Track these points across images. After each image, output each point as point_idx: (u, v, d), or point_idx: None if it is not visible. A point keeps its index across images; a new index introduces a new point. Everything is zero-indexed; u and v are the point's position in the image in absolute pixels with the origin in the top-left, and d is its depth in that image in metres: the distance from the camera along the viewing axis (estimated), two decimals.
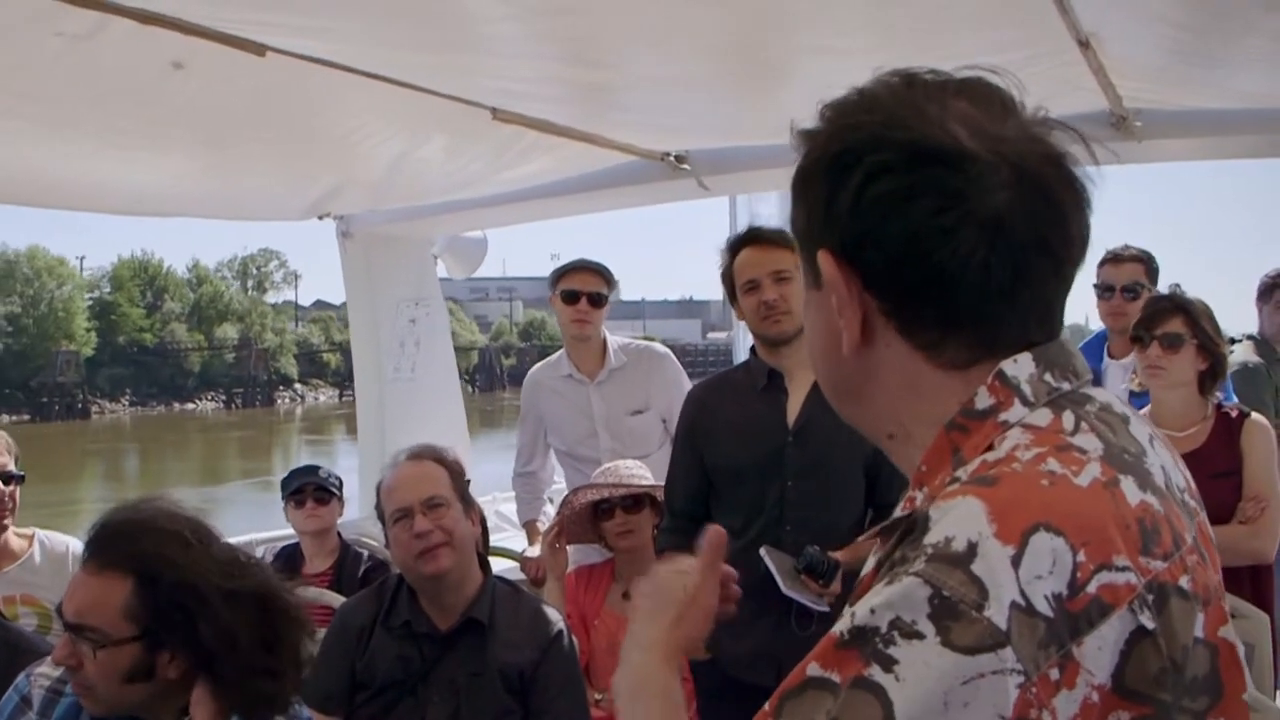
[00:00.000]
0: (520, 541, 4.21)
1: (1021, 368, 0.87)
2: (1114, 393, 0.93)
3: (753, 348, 3.03)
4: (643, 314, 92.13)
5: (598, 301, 3.89)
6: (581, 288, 3.88)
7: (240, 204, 4.63)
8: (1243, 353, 4.24)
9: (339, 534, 3.97)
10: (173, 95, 2.94)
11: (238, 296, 74.08)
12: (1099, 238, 0.91)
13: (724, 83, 3.32)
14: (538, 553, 3.69)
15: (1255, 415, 3.20)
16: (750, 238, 2.99)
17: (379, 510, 2.65)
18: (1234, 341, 4.20)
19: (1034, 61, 2.69)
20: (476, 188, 4.38)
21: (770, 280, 2.88)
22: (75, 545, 3.02)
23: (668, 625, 1.14)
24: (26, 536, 3.09)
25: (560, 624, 2.62)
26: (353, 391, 5.51)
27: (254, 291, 76.46)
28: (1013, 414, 0.86)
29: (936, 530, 0.78)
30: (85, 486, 29.32)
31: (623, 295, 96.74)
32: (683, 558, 1.25)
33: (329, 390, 71.48)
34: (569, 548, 3.53)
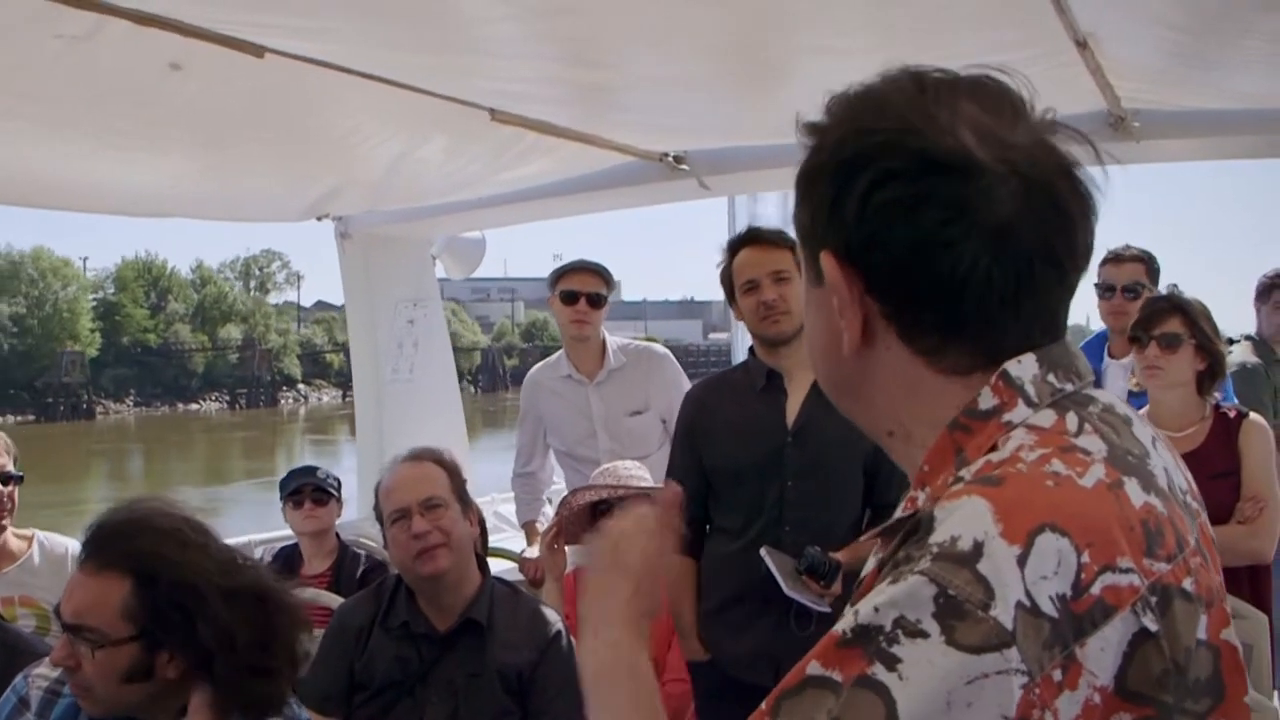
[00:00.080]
0: (519, 542, 4.20)
1: (1025, 369, 0.87)
2: (1114, 393, 0.93)
3: (751, 348, 3.03)
4: (644, 314, 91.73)
5: (596, 302, 3.89)
6: (580, 288, 3.88)
7: (239, 205, 4.62)
8: (1241, 353, 4.24)
9: (337, 535, 3.97)
10: (171, 96, 2.94)
11: (241, 297, 74.02)
12: (1099, 238, 0.90)
13: (723, 83, 3.32)
14: (536, 553, 3.68)
15: (1253, 415, 3.20)
16: (749, 238, 2.99)
17: (377, 511, 2.65)
18: (1232, 342, 4.20)
19: (1032, 62, 2.68)
20: (475, 188, 4.38)
21: (769, 280, 2.88)
22: (74, 547, 3.01)
23: (626, 596, 1.11)
24: (26, 538, 3.08)
25: (559, 625, 2.62)
26: None
27: (256, 292, 76.43)
28: (1016, 414, 0.86)
29: (942, 530, 0.77)
30: (91, 487, 29.32)
31: (624, 296, 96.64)
32: (634, 513, 1.19)
33: (332, 391, 71.29)
34: (568, 549, 3.53)
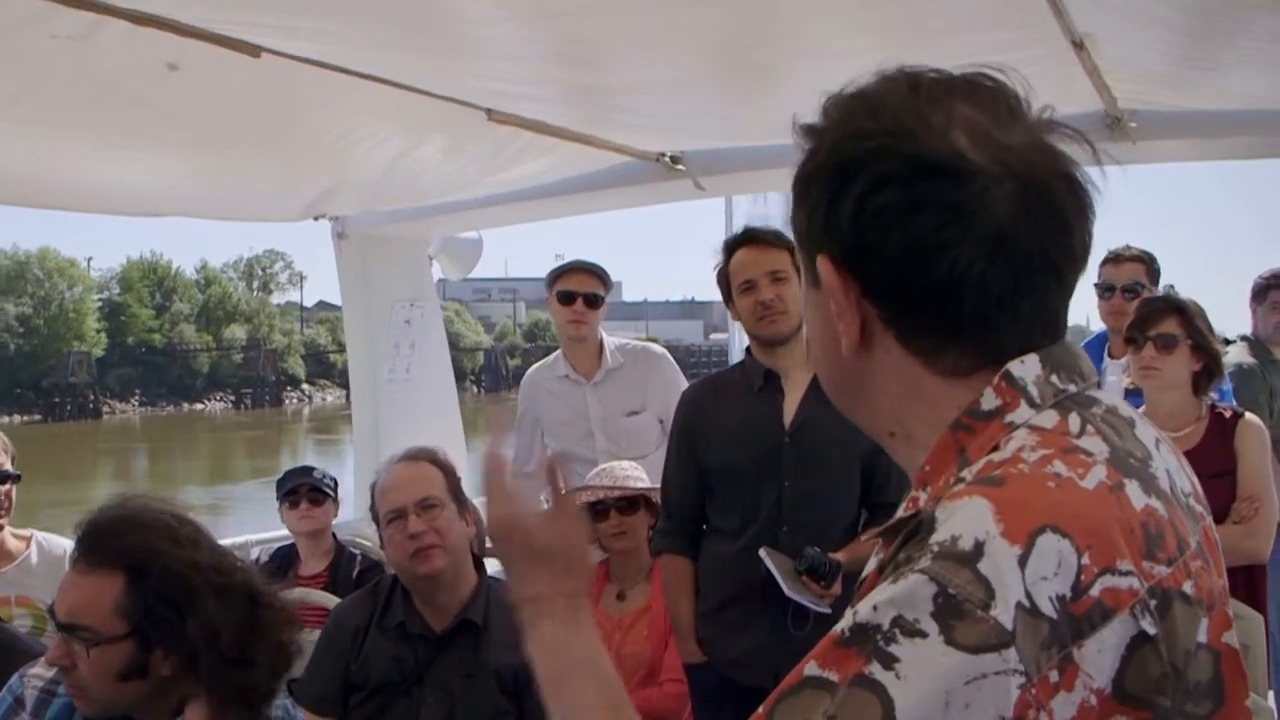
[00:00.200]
0: None
1: (1028, 369, 0.87)
2: (1114, 392, 0.93)
3: (748, 348, 3.03)
4: (645, 315, 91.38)
5: (594, 302, 3.89)
6: (577, 289, 3.87)
7: (236, 205, 4.62)
8: (1237, 354, 4.24)
9: (334, 535, 3.97)
10: (168, 96, 2.94)
11: (246, 298, 74.16)
12: (1099, 238, 0.90)
13: (720, 83, 3.32)
14: None
15: (1249, 416, 3.21)
16: (746, 238, 2.99)
17: (373, 511, 2.65)
18: (1228, 342, 4.21)
19: (1028, 63, 2.66)
20: (472, 189, 4.38)
21: (767, 280, 2.88)
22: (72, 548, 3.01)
23: (547, 582, 1.06)
24: (24, 538, 3.08)
25: None
26: None
27: (259, 293, 76.57)
28: (1019, 415, 0.86)
29: (943, 529, 0.77)
30: (100, 486, 29.26)
31: (625, 296, 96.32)
32: (507, 494, 1.10)
33: (336, 391, 71.15)
34: None
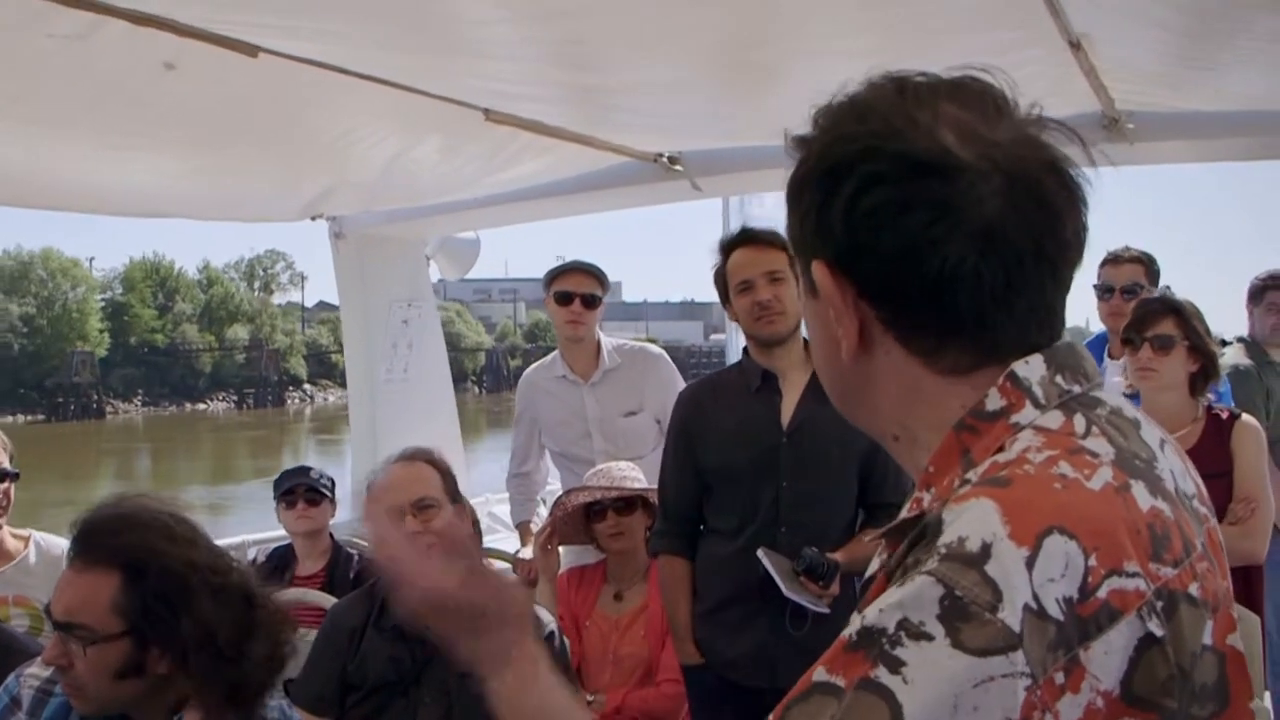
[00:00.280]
0: (513, 543, 4.20)
1: (1033, 370, 0.87)
2: (1114, 393, 0.93)
3: (745, 349, 3.03)
4: (645, 315, 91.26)
5: (591, 303, 3.89)
6: (575, 289, 3.87)
7: (233, 205, 4.61)
8: (1234, 355, 4.24)
9: (331, 535, 3.96)
10: (165, 96, 2.94)
11: (248, 298, 74.29)
12: (1098, 239, 0.90)
13: (719, 84, 3.32)
14: (530, 554, 3.68)
15: (1245, 417, 3.22)
16: (743, 238, 2.99)
17: None
18: (1225, 344, 4.21)
19: (1026, 63, 2.69)
20: (469, 189, 4.38)
21: (764, 280, 2.87)
22: None
23: (494, 634, 1.04)
24: (22, 538, 3.07)
25: (552, 625, 2.62)
26: None
27: (261, 293, 76.69)
28: (1024, 416, 0.86)
29: (950, 531, 0.77)
30: (104, 486, 29.23)
31: (625, 297, 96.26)
32: (427, 567, 1.05)
33: (338, 391, 71.03)
34: (562, 549, 3.53)
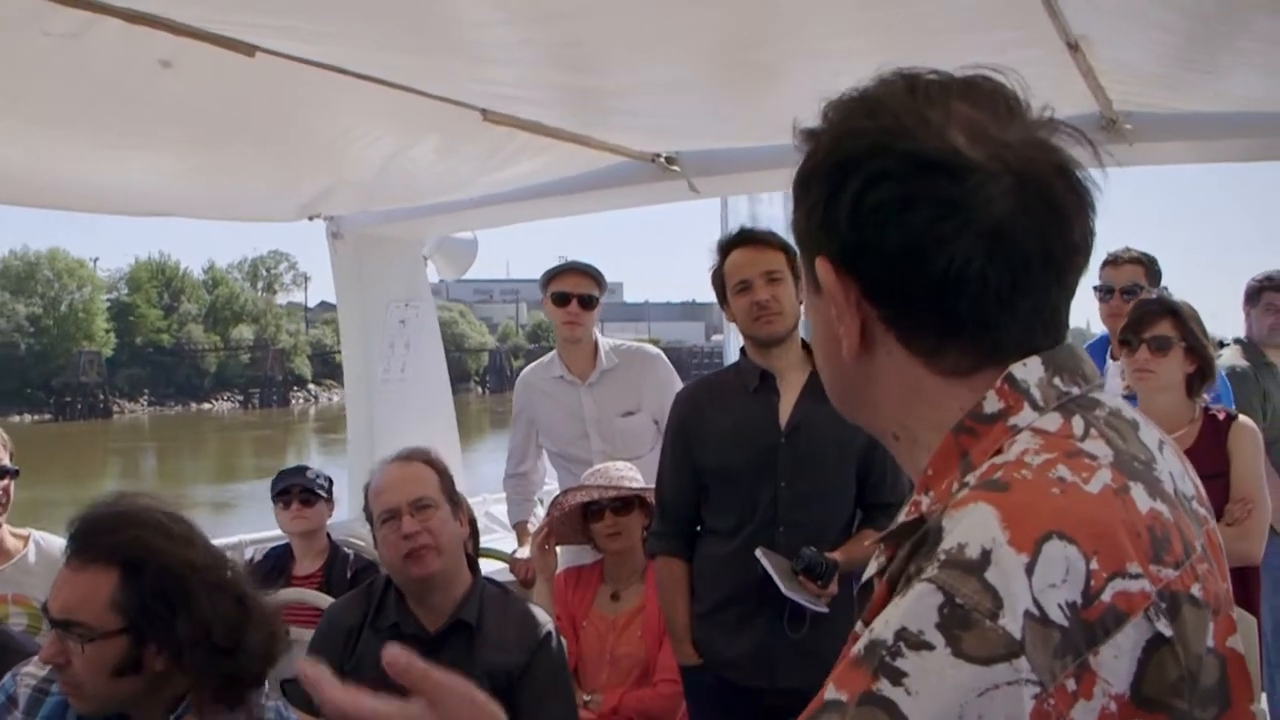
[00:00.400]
0: (510, 543, 4.20)
1: (1031, 372, 0.86)
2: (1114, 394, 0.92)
3: (743, 349, 3.03)
4: (646, 316, 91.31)
5: (588, 303, 3.89)
6: (572, 290, 3.87)
7: (231, 204, 4.61)
8: (1230, 356, 4.25)
9: (328, 535, 3.96)
10: (162, 95, 2.93)
11: (252, 298, 74.48)
12: (1098, 240, 0.89)
13: (717, 84, 3.32)
14: (527, 554, 3.68)
15: (1242, 418, 3.22)
16: (741, 238, 2.99)
17: (367, 512, 2.64)
18: (1222, 345, 4.21)
19: (1025, 64, 2.67)
20: (467, 189, 4.37)
21: (762, 280, 2.87)
22: None
23: None
24: (22, 537, 3.07)
25: (549, 625, 2.61)
26: None
27: (264, 293, 76.84)
28: (1022, 418, 0.85)
29: (950, 538, 0.77)
30: (112, 485, 29.24)
31: (626, 297, 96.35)
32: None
33: (342, 391, 71.26)
34: (560, 549, 3.53)
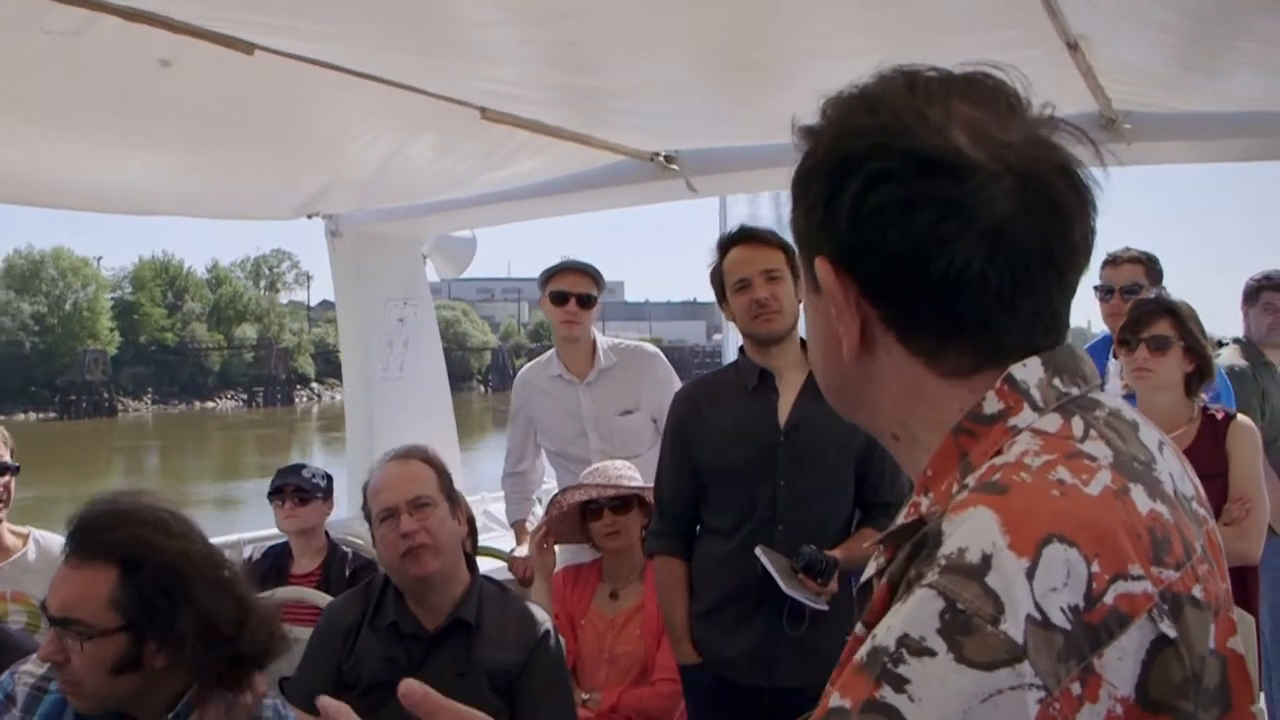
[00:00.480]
0: (509, 541, 4.20)
1: (1030, 372, 0.86)
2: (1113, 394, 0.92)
3: (741, 348, 3.03)
4: (647, 315, 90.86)
5: (586, 302, 3.89)
6: (570, 289, 3.87)
7: (229, 203, 4.60)
8: (1229, 356, 4.25)
9: (327, 533, 3.96)
10: (160, 93, 2.93)
11: (255, 297, 74.48)
12: (1099, 241, 0.89)
13: (717, 84, 3.32)
14: (526, 553, 3.68)
15: (1241, 417, 3.22)
16: (740, 237, 2.99)
17: (366, 510, 2.64)
18: (1221, 345, 4.21)
19: (1025, 63, 2.67)
20: (465, 187, 4.37)
21: (761, 279, 2.87)
22: None
23: None
24: (22, 535, 3.07)
25: (547, 624, 2.61)
26: None
27: (267, 291, 76.91)
28: (1021, 419, 0.84)
29: (950, 542, 0.76)
30: (119, 483, 29.25)
31: (627, 297, 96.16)
32: None
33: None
34: (558, 548, 3.53)
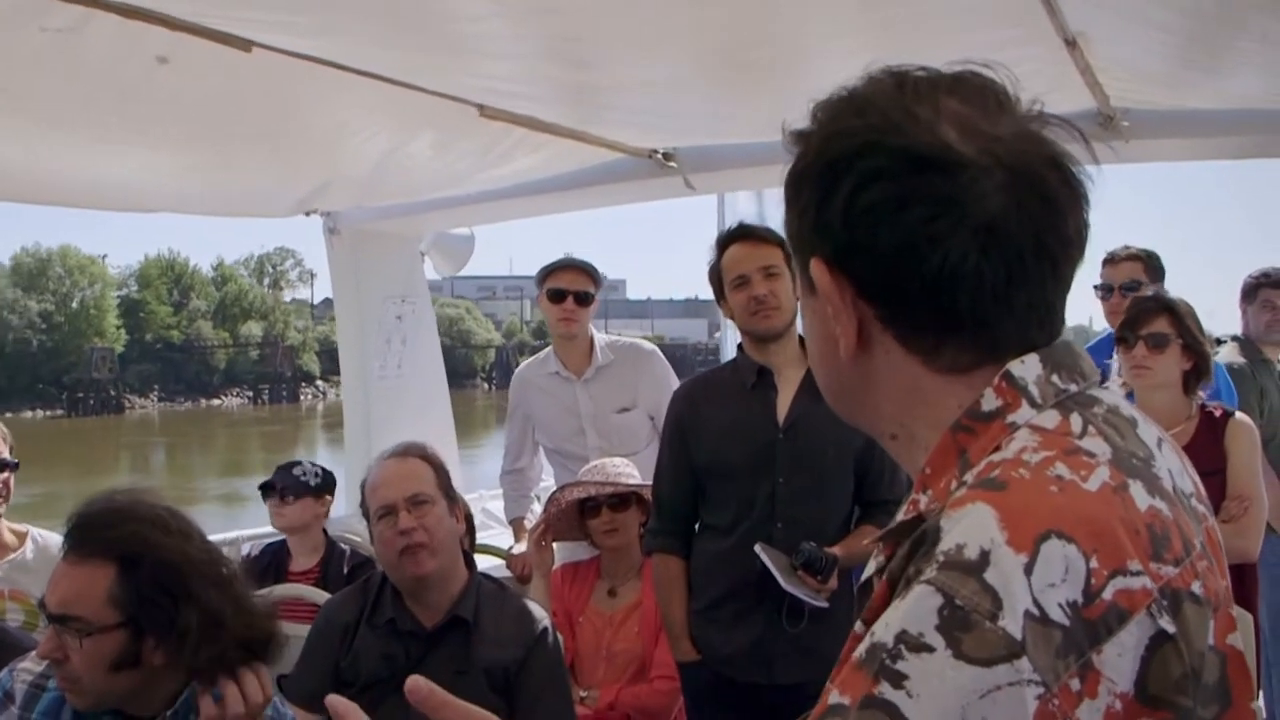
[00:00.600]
0: (507, 539, 4.20)
1: (1029, 369, 0.86)
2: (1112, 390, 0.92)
3: (740, 345, 3.03)
4: (649, 313, 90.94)
5: (584, 300, 3.88)
6: (567, 286, 3.87)
7: (227, 200, 4.60)
8: (1228, 354, 4.25)
9: (325, 531, 3.95)
10: (158, 90, 2.92)
11: (260, 294, 74.71)
12: (1095, 237, 0.89)
13: (716, 82, 3.31)
14: (524, 550, 3.68)
15: (1239, 415, 3.22)
16: (739, 234, 2.99)
17: (364, 508, 2.64)
18: (1219, 342, 4.22)
19: (1023, 61, 2.68)
20: (463, 184, 4.37)
21: (760, 275, 2.88)
22: None
23: None
24: (20, 533, 3.08)
25: (545, 622, 2.61)
26: None
27: (271, 289, 77.09)
28: (1020, 415, 0.85)
29: (948, 539, 0.77)
30: (126, 479, 29.24)
31: (629, 295, 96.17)
32: None
33: None
34: (556, 545, 3.53)
